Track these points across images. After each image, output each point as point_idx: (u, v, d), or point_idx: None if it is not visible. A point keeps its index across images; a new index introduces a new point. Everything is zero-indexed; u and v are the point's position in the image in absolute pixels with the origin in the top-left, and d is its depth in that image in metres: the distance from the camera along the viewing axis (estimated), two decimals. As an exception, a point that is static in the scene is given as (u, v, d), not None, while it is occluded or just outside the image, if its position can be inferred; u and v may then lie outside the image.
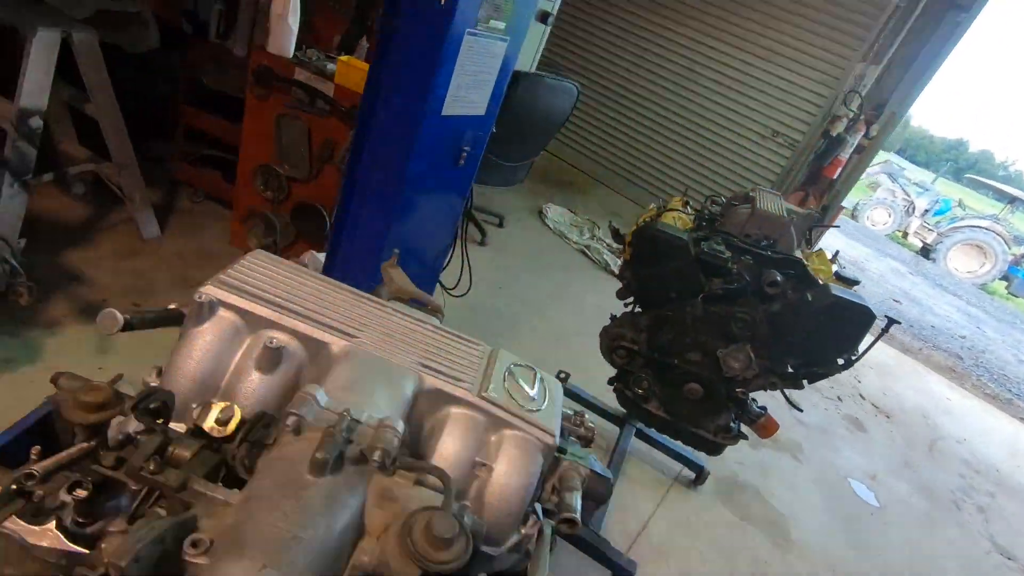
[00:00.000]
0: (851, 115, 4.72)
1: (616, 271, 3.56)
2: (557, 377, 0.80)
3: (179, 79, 2.73)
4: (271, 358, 0.50)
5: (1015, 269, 11.04)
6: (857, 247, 10.01)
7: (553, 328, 3.31)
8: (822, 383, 3.97)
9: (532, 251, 4.12)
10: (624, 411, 2.18)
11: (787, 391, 1.82)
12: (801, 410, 1.97)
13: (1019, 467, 4.07)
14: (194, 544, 0.34)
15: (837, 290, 1.43)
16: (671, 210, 1.87)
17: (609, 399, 2.26)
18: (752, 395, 1.83)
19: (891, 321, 1.51)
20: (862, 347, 1.55)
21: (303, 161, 2.29)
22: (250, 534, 0.34)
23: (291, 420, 0.41)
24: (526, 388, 0.57)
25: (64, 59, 1.98)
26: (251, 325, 0.52)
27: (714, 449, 1.79)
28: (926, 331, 6.62)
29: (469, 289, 2.07)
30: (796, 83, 4.88)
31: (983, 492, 3.53)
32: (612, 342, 1.72)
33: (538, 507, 0.60)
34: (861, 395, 4.06)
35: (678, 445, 2.47)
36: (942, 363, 5.67)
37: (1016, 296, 11.25)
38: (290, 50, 2.17)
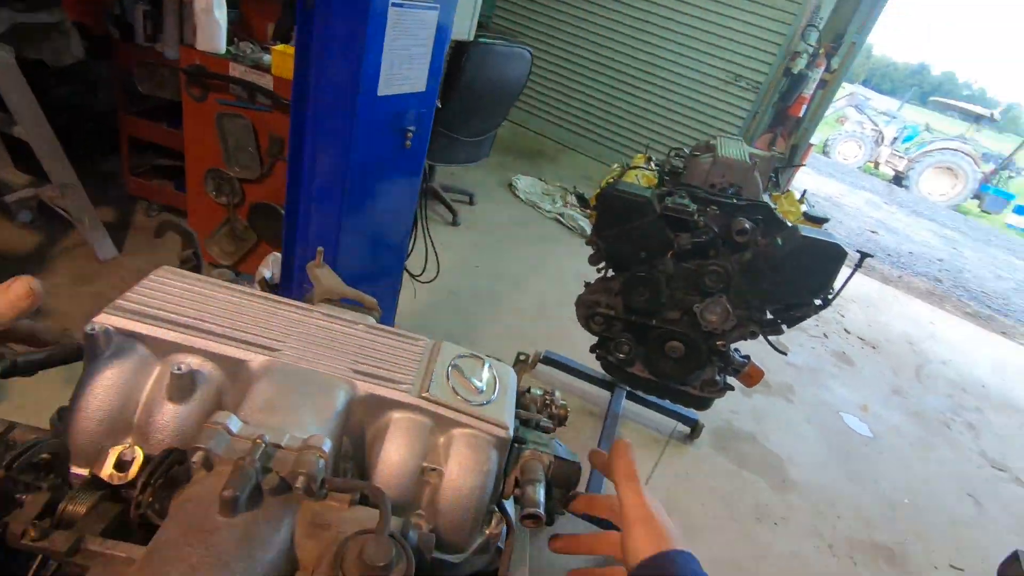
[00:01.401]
0: (810, 50, 4.67)
1: (591, 236, 3.51)
2: (518, 359, 0.76)
3: (114, 89, 2.60)
4: (181, 385, 0.45)
5: (986, 187, 11.19)
6: (831, 183, 10.06)
7: (535, 301, 3.28)
8: (807, 322, 4.01)
9: (506, 225, 4.06)
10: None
11: (769, 337, 1.82)
12: (786, 353, 1.96)
13: (1003, 380, 4.16)
14: (83, 615, 0.30)
15: (806, 230, 1.41)
16: (634, 168, 1.83)
17: (597, 364, 2.25)
18: (735, 345, 1.81)
19: (863, 255, 1.50)
20: (838, 284, 1.54)
21: (253, 160, 2.20)
22: (150, 594, 0.30)
23: (197, 456, 0.37)
24: (473, 381, 0.53)
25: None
26: (158, 352, 0.47)
27: (702, 404, 1.78)
28: (904, 258, 6.71)
29: (437, 274, 2.02)
30: (753, 23, 4.79)
31: (971, 409, 3.60)
32: (588, 310, 1.69)
33: (508, 505, 0.57)
34: (846, 329, 4.11)
35: (669, 402, 2.48)
36: (922, 288, 5.75)
37: (989, 213, 11.43)
38: (221, 45, 2.06)
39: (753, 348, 2.07)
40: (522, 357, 0.75)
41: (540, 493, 0.51)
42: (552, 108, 5.90)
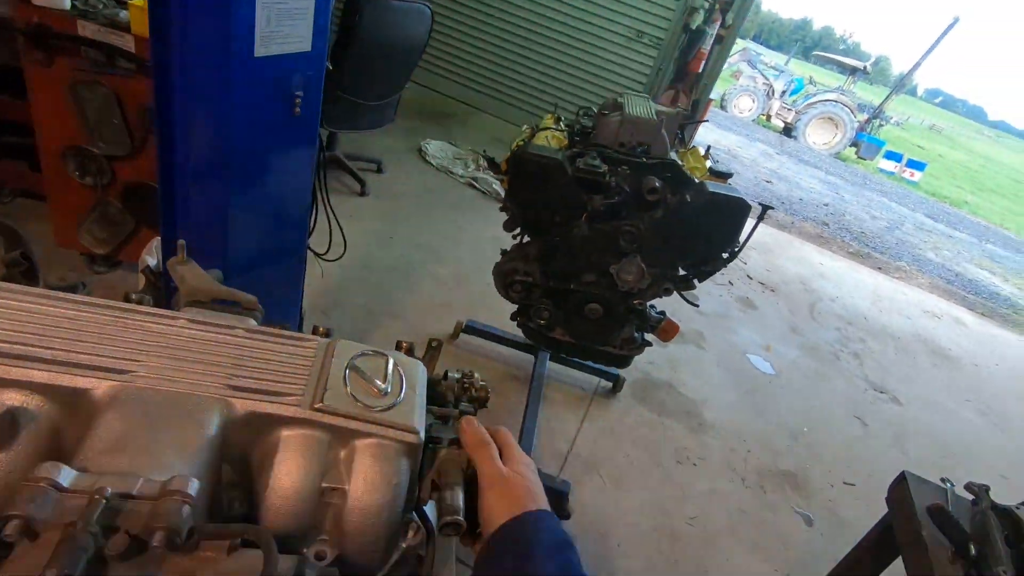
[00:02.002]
0: (707, 5, 4.77)
1: (506, 200, 3.46)
2: (429, 345, 0.71)
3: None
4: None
5: (861, 135, 12.21)
6: (729, 136, 10.55)
7: (454, 269, 3.21)
8: (714, 272, 4.22)
9: (418, 193, 3.92)
10: (534, 340, 2.16)
11: (680, 292, 1.87)
12: (697, 305, 2.04)
13: (881, 311, 4.63)
14: None
15: (712, 186, 1.44)
16: (544, 129, 1.78)
17: (520, 330, 2.23)
18: (650, 302, 1.85)
19: (765, 207, 1.56)
20: (743, 236, 1.59)
21: (120, 135, 1.94)
22: None
23: (11, 526, 0.29)
24: (376, 382, 0.47)
25: None
26: (-35, 389, 0.37)
27: (622, 362, 1.82)
28: (795, 205, 7.21)
29: (344, 251, 1.90)
30: (652, -22, 4.82)
31: (856, 340, 3.98)
32: (506, 279, 1.65)
33: (429, 508, 0.52)
34: (748, 276, 4.37)
35: (591, 362, 2.53)
36: (812, 232, 6.22)
37: (864, 159, 12.52)
38: (64, -1, 1.77)
39: (666, 301, 2.14)
40: (433, 343, 0.70)
41: (459, 498, 0.47)
42: (458, 69, 5.70)
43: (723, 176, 1.56)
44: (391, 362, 0.50)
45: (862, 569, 1.27)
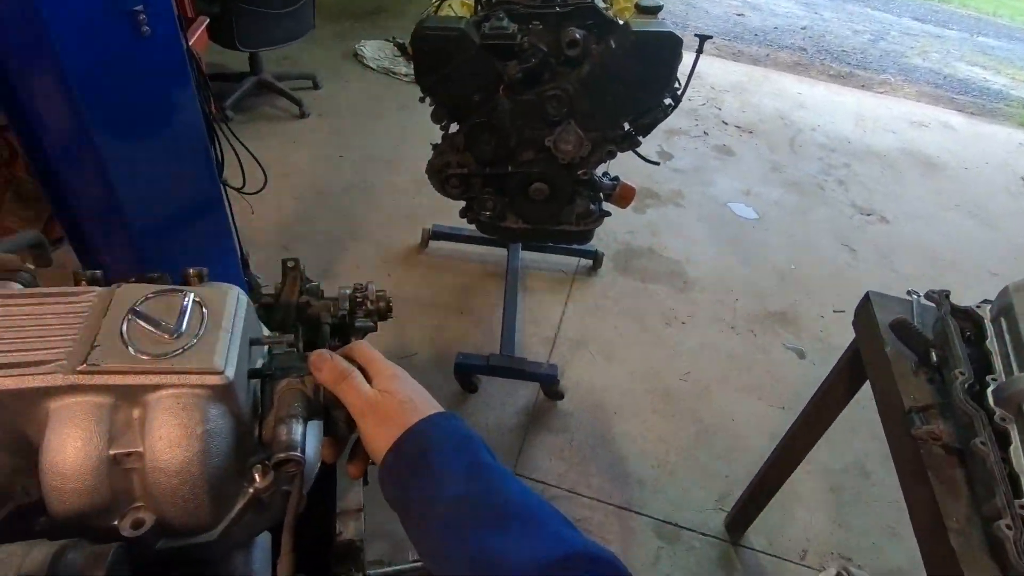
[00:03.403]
0: None
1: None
2: (285, 267, 0.63)
3: None
4: None
5: (837, -61, 11.10)
6: (693, -29, 9.65)
7: (412, 176, 3.06)
8: (687, 124, 4.01)
9: (362, 102, 3.67)
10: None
11: (636, 151, 1.75)
12: (657, 163, 1.92)
13: (864, 132, 4.43)
14: None
15: (636, 25, 1.27)
16: (452, -2, 1.57)
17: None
18: (604, 168, 1.75)
19: (703, 38, 1.39)
20: (684, 78, 1.45)
21: None
22: None
23: None
24: (164, 324, 0.40)
25: None
26: None
27: (584, 237, 1.75)
28: (771, 35, 6.72)
29: (265, 182, 1.77)
30: None
31: (840, 166, 3.85)
32: (440, 175, 1.54)
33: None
34: (724, 121, 4.16)
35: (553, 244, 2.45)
36: (789, 60, 5.85)
37: (843, -32, 11.48)
38: None
39: (635, 166, 2.01)
40: (289, 263, 0.63)
41: (295, 432, 0.42)
42: (378, -49, 5.10)
43: (651, 12, 1.38)
44: (190, 297, 0.43)
45: (836, 395, 1.27)
